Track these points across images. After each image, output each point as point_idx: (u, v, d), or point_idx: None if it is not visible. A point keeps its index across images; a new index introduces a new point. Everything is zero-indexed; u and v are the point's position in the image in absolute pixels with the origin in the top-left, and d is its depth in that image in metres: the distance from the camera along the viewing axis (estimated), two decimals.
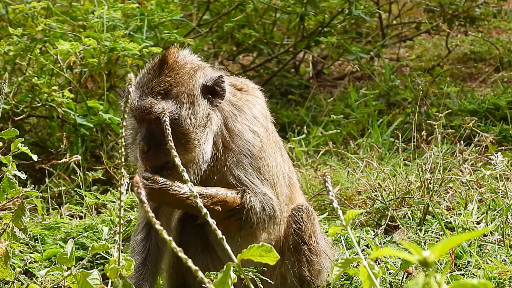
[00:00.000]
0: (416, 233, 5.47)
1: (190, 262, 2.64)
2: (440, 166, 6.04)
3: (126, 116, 3.15)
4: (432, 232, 5.44)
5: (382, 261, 4.95)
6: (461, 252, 4.96)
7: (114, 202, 5.96)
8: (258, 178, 4.25)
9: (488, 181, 6.04)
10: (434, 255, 2.12)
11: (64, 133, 6.93)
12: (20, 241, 4.31)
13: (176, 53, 4.24)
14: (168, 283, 4.56)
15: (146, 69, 4.25)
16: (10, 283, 4.38)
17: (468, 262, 4.88)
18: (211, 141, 4.20)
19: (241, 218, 4.19)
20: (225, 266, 2.94)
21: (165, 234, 2.65)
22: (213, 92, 4.22)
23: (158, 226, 2.65)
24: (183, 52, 4.29)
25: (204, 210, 2.92)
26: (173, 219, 4.44)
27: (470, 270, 4.76)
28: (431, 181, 5.89)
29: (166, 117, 3.31)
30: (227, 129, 4.25)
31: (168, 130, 3.27)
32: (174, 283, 4.52)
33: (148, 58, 4.51)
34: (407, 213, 5.80)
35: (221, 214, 4.13)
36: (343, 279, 4.84)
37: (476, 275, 4.66)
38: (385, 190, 6.12)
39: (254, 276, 4.04)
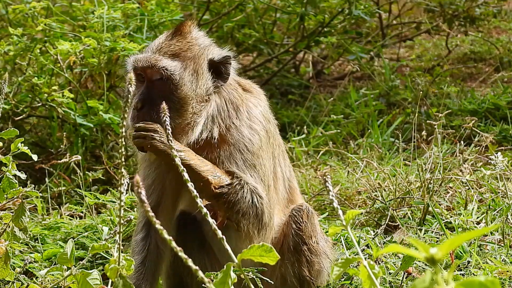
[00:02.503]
0: (416, 233, 5.47)
1: (190, 262, 2.64)
2: (440, 166, 6.04)
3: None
4: (432, 232, 5.44)
5: (382, 261, 4.95)
6: (461, 252, 4.96)
7: (114, 202, 5.96)
8: (251, 176, 4.23)
9: (488, 181, 6.04)
10: (442, 252, 2.12)
11: (64, 133, 6.93)
12: (20, 241, 4.31)
13: (191, 26, 4.30)
14: (166, 284, 4.56)
15: (160, 36, 4.30)
16: (10, 283, 4.38)
17: (468, 262, 4.88)
18: (204, 120, 4.19)
19: (230, 201, 4.13)
20: (225, 266, 2.94)
21: (165, 234, 2.65)
22: (218, 72, 4.25)
23: (158, 225, 2.65)
24: (197, 29, 4.35)
25: (205, 210, 2.92)
26: (172, 218, 4.44)
27: (470, 270, 4.76)
28: (431, 181, 5.89)
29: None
30: (223, 122, 4.25)
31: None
32: (172, 283, 4.52)
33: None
34: (407, 213, 5.80)
35: (211, 191, 4.11)
36: (343, 279, 4.84)
37: (476, 275, 4.66)
38: (385, 190, 6.12)
39: (254, 276, 4.04)
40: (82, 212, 6.14)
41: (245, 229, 4.21)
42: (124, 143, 3.14)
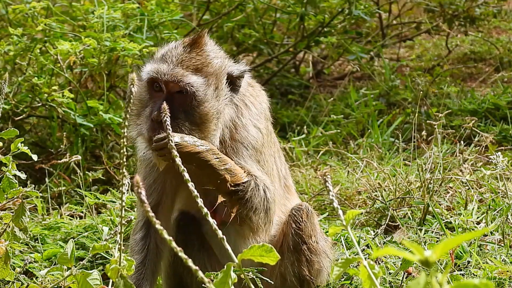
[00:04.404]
0: (416, 233, 5.47)
1: (190, 262, 2.64)
2: (440, 166, 6.04)
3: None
4: (432, 232, 5.44)
5: (382, 261, 4.95)
6: (461, 252, 4.96)
7: (114, 202, 5.96)
8: (257, 169, 4.25)
9: (488, 181, 6.04)
10: (436, 254, 2.12)
11: (64, 133, 6.93)
12: (20, 241, 4.31)
13: (206, 38, 4.26)
14: (166, 284, 4.56)
15: (174, 45, 4.23)
16: (10, 283, 4.38)
17: (468, 262, 4.89)
18: (220, 132, 4.21)
19: (243, 197, 4.14)
20: (225, 266, 2.94)
21: (165, 234, 2.65)
22: (233, 85, 4.25)
23: (158, 225, 2.65)
24: (210, 40, 4.33)
25: (205, 210, 2.92)
26: (171, 217, 4.44)
27: (470, 270, 4.76)
28: (431, 181, 5.89)
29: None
30: (232, 121, 4.26)
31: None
32: (172, 283, 4.52)
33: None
34: (407, 213, 5.81)
35: (226, 186, 4.11)
36: (343, 279, 4.84)
37: (476, 275, 4.66)
38: (385, 190, 6.12)
39: (254, 276, 4.04)
40: (82, 212, 6.14)
41: (255, 224, 4.23)
42: (125, 143, 3.14)
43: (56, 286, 4.11)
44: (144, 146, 4.17)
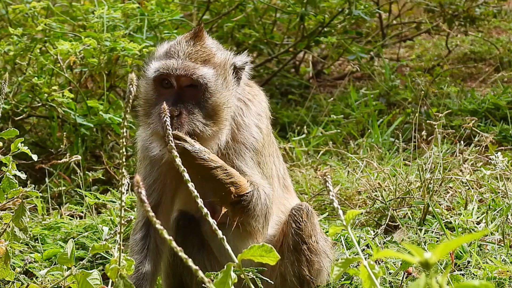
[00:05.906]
0: (416, 233, 5.47)
1: (190, 262, 2.64)
2: (440, 166, 6.04)
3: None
4: (432, 232, 5.44)
5: (382, 261, 4.95)
6: (461, 252, 4.96)
7: (114, 202, 5.96)
8: (258, 172, 4.26)
9: (488, 181, 6.03)
10: (436, 256, 2.11)
11: (64, 133, 6.93)
12: (20, 241, 4.31)
13: (205, 32, 4.28)
14: (165, 283, 4.56)
15: (176, 41, 4.23)
16: (10, 283, 4.38)
17: (468, 262, 4.89)
18: (229, 123, 4.22)
19: (247, 206, 4.15)
20: (225, 266, 2.94)
21: (165, 234, 2.65)
22: (236, 76, 4.27)
23: (158, 225, 2.65)
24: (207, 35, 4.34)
25: (205, 210, 2.92)
26: (171, 217, 4.44)
27: (470, 270, 4.76)
28: (431, 181, 5.89)
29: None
30: (235, 120, 4.26)
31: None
32: (171, 283, 4.52)
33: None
34: (407, 213, 5.80)
35: (230, 198, 4.11)
36: (343, 279, 4.84)
37: (476, 275, 4.66)
38: (385, 190, 6.12)
39: (254, 276, 4.04)
40: (82, 212, 6.14)
41: (254, 229, 4.24)
42: (125, 143, 3.14)
43: (56, 286, 4.11)
44: (159, 143, 4.13)
